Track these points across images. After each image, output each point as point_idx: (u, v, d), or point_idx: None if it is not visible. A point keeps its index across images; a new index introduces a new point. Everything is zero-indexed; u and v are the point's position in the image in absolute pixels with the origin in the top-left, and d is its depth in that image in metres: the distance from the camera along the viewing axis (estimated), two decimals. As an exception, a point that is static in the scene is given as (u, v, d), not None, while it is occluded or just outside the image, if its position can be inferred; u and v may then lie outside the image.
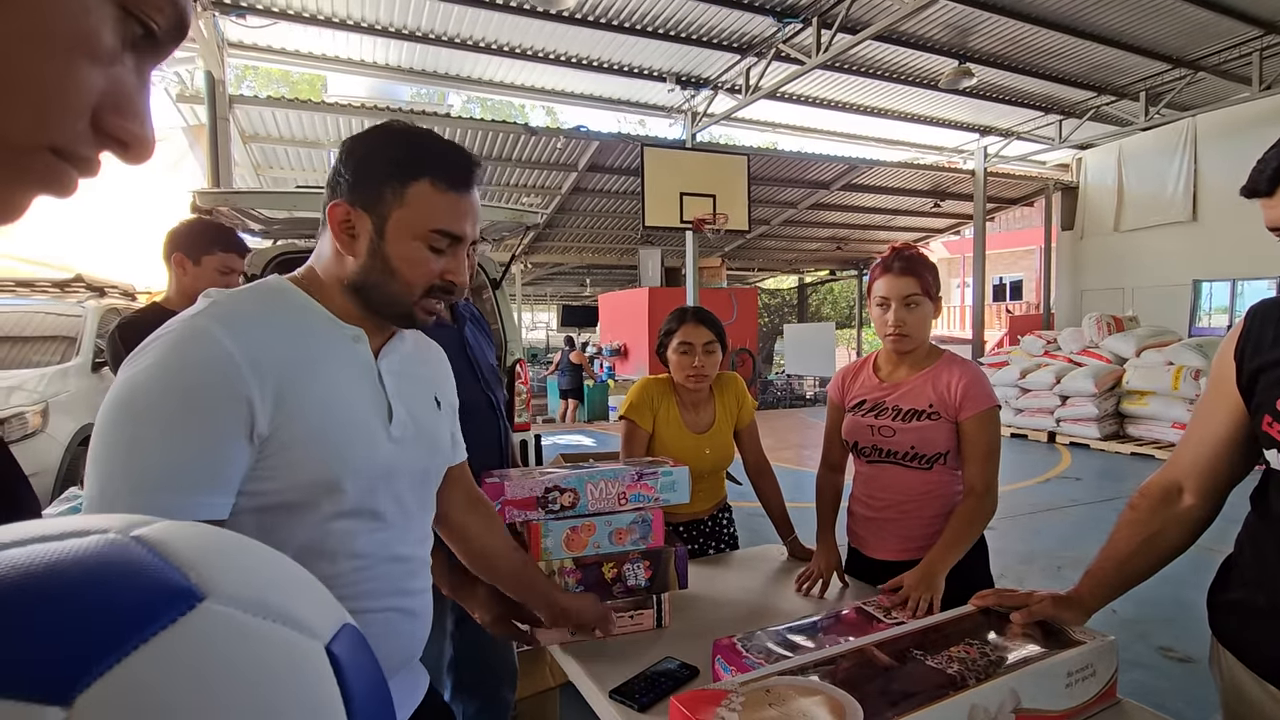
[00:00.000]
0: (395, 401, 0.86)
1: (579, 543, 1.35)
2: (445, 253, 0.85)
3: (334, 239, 0.84)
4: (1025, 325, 11.61)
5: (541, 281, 17.76)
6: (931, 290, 1.49)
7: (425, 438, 0.91)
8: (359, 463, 0.80)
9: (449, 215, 0.84)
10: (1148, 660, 2.68)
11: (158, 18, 0.31)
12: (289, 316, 0.82)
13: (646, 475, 1.39)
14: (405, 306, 0.85)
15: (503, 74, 7.82)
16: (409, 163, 0.82)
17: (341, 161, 0.84)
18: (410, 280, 0.83)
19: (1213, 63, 8.23)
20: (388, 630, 0.86)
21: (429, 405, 0.95)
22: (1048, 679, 1.01)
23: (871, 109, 9.39)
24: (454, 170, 0.84)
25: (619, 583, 1.37)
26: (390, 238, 0.82)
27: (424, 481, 0.93)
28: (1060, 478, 6.17)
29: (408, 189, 0.82)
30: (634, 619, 1.38)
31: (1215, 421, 1.02)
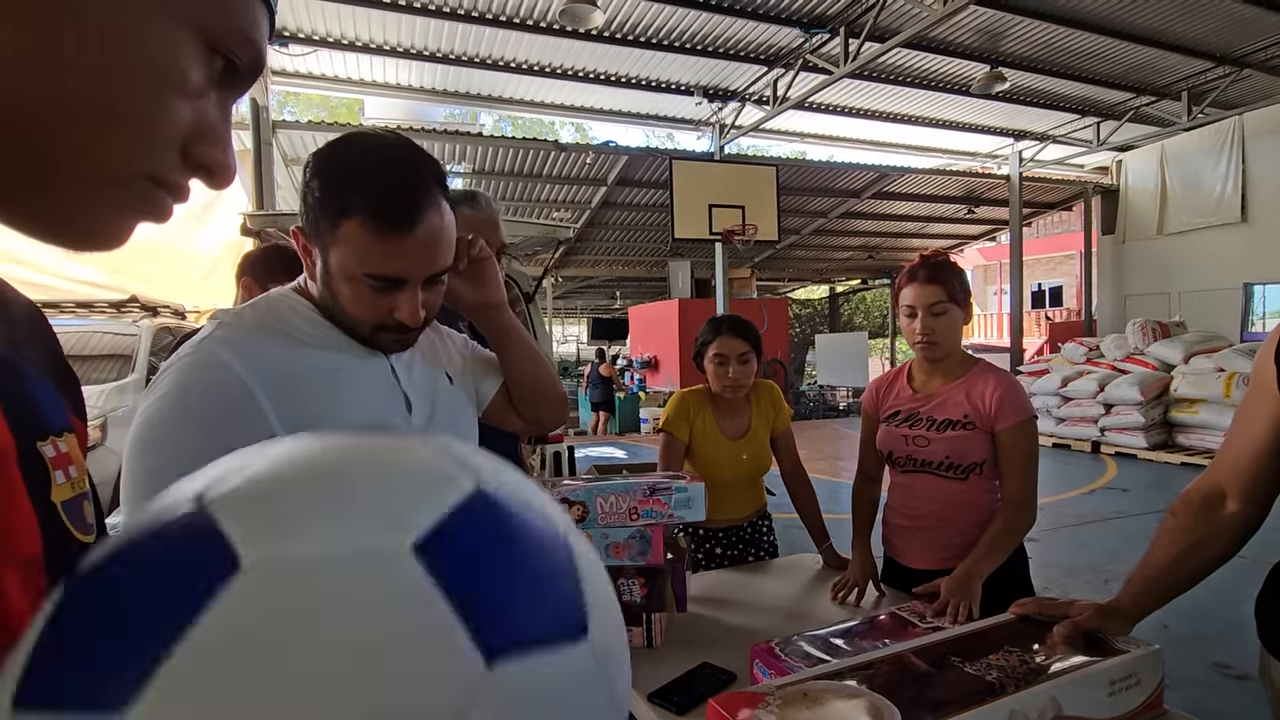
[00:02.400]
0: (412, 393, 0.88)
1: None
2: (390, 291, 0.79)
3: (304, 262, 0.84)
4: (1066, 332, 11.31)
5: (572, 295, 17.93)
6: (958, 296, 1.48)
7: (446, 418, 0.93)
8: None
9: (380, 259, 0.76)
10: (1203, 677, 2.58)
11: (240, 54, 0.34)
12: (296, 327, 0.83)
13: (660, 490, 1.41)
14: (363, 338, 0.84)
15: (533, 92, 7.99)
16: (338, 198, 0.75)
17: (310, 177, 0.78)
18: (356, 316, 0.81)
19: (1259, 59, 7.97)
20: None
21: (443, 385, 0.96)
22: (1089, 687, 1.00)
23: (901, 116, 9.32)
24: (386, 209, 0.75)
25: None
26: (333, 274, 0.79)
27: None
28: (1106, 489, 5.98)
29: (338, 228, 0.76)
30: (630, 634, 1.36)
31: (1257, 425, 1.00)
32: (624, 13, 6.35)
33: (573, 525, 0.28)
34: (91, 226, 0.33)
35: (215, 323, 0.81)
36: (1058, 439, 8.00)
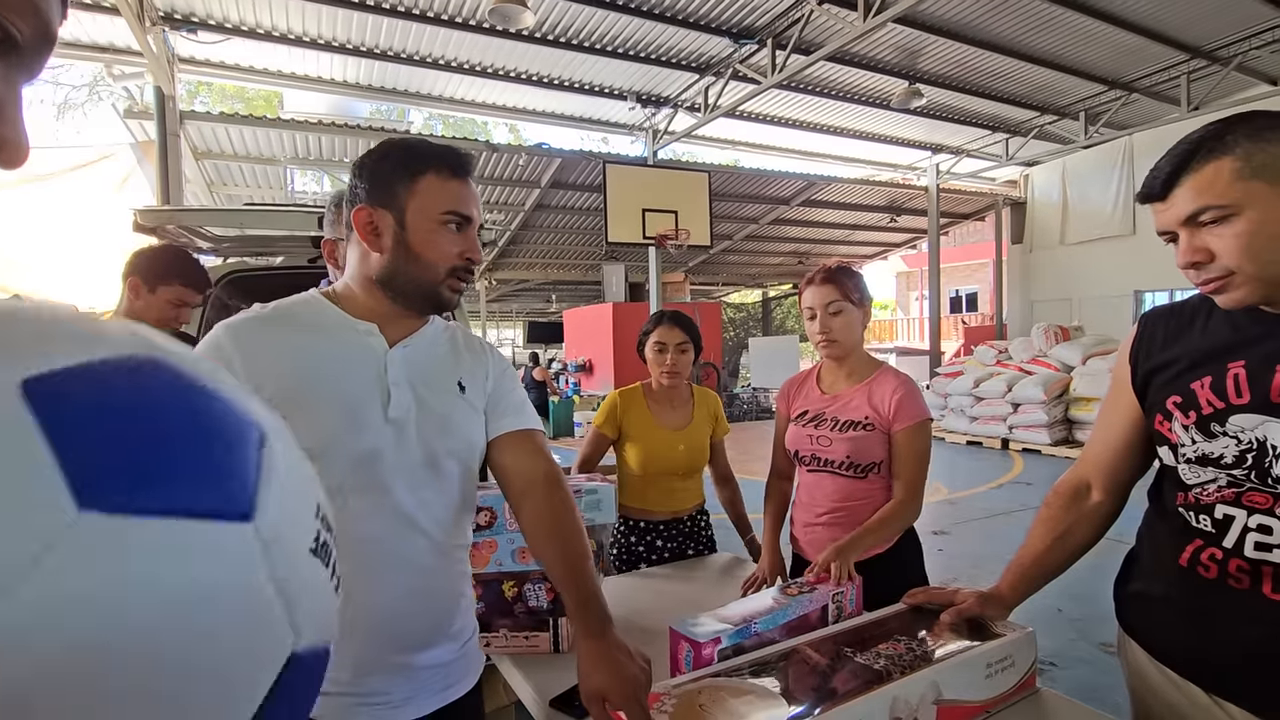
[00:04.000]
0: (396, 387, 0.94)
1: (479, 559, 1.34)
2: (460, 233, 0.95)
3: (360, 240, 0.94)
4: (980, 336, 11.97)
5: (507, 298, 17.67)
6: (853, 296, 1.54)
7: (433, 422, 0.97)
8: (340, 439, 0.89)
9: (456, 199, 0.95)
10: (1090, 657, 2.77)
11: (19, 24, 0.31)
12: (302, 317, 0.95)
13: None
14: (431, 287, 0.95)
15: (464, 91, 7.84)
16: (414, 160, 0.94)
17: (354, 176, 0.96)
18: (433, 261, 0.94)
19: (1145, 84, 8.68)
20: (395, 607, 0.93)
21: (447, 392, 1.00)
22: (968, 670, 1.05)
23: (828, 127, 9.65)
24: (453, 162, 0.96)
25: (519, 602, 1.36)
26: (410, 226, 0.93)
27: (433, 463, 0.96)
28: (1013, 483, 6.35)
29: (417, 182, 0.93)
30: (529, 640, 1.35)
31: (1116, 422, 1.08)
32: (555, 14, 6.32)
33: (282, 428, 0.26)
34: None
35: (246, 311, 0.94)
36: (971, 437, 8.44)
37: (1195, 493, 0.92)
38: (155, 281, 1.83)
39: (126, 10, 4.91)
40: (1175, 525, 0.96)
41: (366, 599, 0.91)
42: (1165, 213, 0.89)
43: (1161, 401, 0.97)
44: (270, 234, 3.00)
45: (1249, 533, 0.86)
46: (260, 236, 3.05)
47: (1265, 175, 0.81)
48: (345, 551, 0.89)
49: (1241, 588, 0.88)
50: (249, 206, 3.13)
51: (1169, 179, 0.87)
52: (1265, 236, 0.81)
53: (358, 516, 0.90)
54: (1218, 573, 0.90)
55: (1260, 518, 0.85)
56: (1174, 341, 0.98)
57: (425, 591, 0.97)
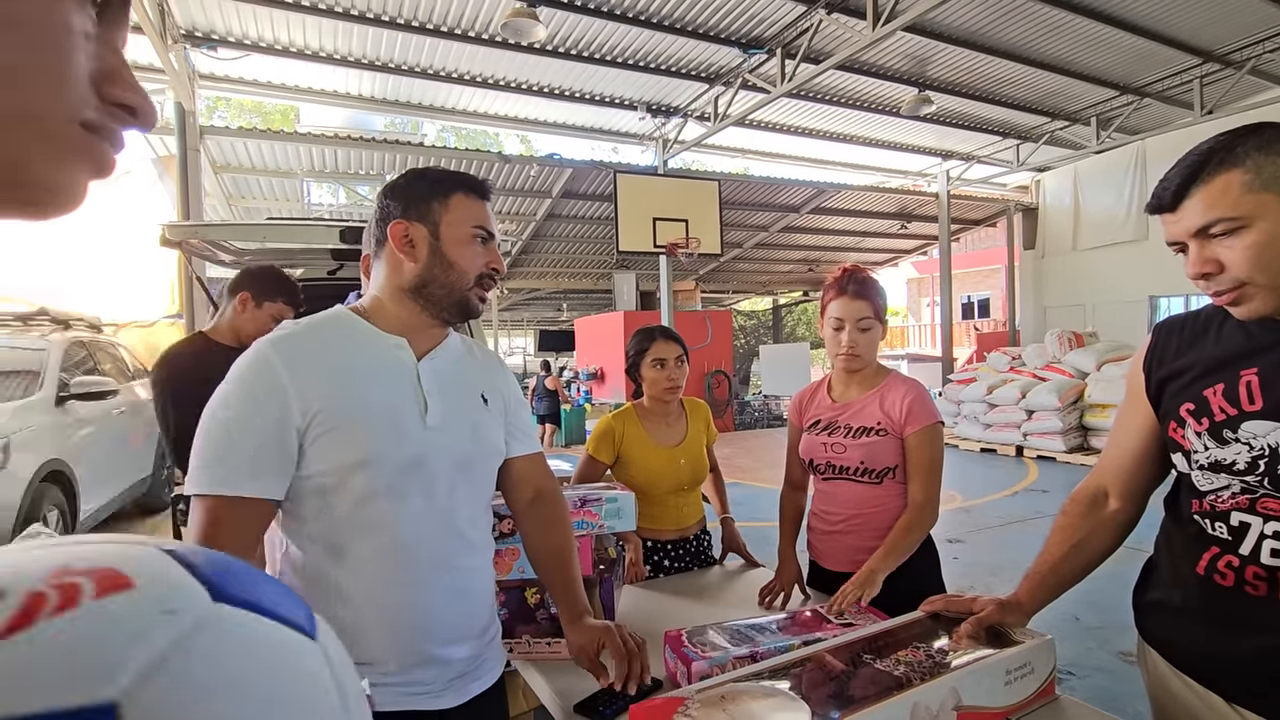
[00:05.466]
0: (432, 397, 1.01)
1: (503, 566, 1.38)
2: (485, 246, 1.05)
3: (396, 251, 1.02)
4: (992, 342, 11.90)
5: (518, 307, 17.78)
6: (881, 313, 1.57)
7: (465, 428, 1.05)
8: (386, 448, 0.95)
9: (482, 216, 1.06)
10: (1109, 665, 2.75)
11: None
12: (334, 333, 1.01)
13: (590, 502, 1.43)
14: (461, 294, 1.03)
15: (476, 103, 7.94)
16: (445, 182, 1.05)
17: (386, 196, 1.05)
18: (465, 269, 1.02)
19: (1157, 89, 8.64)
20: (436, 603, 1.00)
21: (473, 401, 1.08)
22: (988, 677, 1.06)
23: (837, 135, 9.67)
24: (477, 185, 1.07)
25: (542, 609, 1.40)
26: (444, 238, 1.02)
27: (466, 467, 1.04)
28: (1028, 490, 6.30)
29: (450, 199, 1.03)
30: (550, 646, 1.38)
31: (1132, 429, 1.09)
32: (566, 28, 6.40)
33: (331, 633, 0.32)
34: (44, 184, 0.33)
35: (279, 330, 1.00)
36: (985, 444, 8.39)
37: (1210, 500, 0.93)
38: (262, 298, 2.08)
39: (149, 29, 5.03)
40: (1191, 533, 0.97)
41: (413, 596, 0.98)
42: (1175, 224, 0.90)
43: (1175, 409, 0.98)
44: (290, 247, 3.06)
45: (1265, 540, 0.87)
46: (280, 249, 3.11)
47: (1275, 187, 0.82)
48: (395, 552, 0.95)
49: (1259, 595, 0.89)
50: (270, 221, 3.18)
51: (1179, 190, 0.89)
52: (1276, 248, 0.83)
53: (405, 520, 0.97)
54: (1235, 580, 0.91)
55: (1276, 524, 0.87)
56: (1187, 349, 1.00)
57: (462, 590, 1.04)
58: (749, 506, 5.43)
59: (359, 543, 0.95)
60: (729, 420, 11.49)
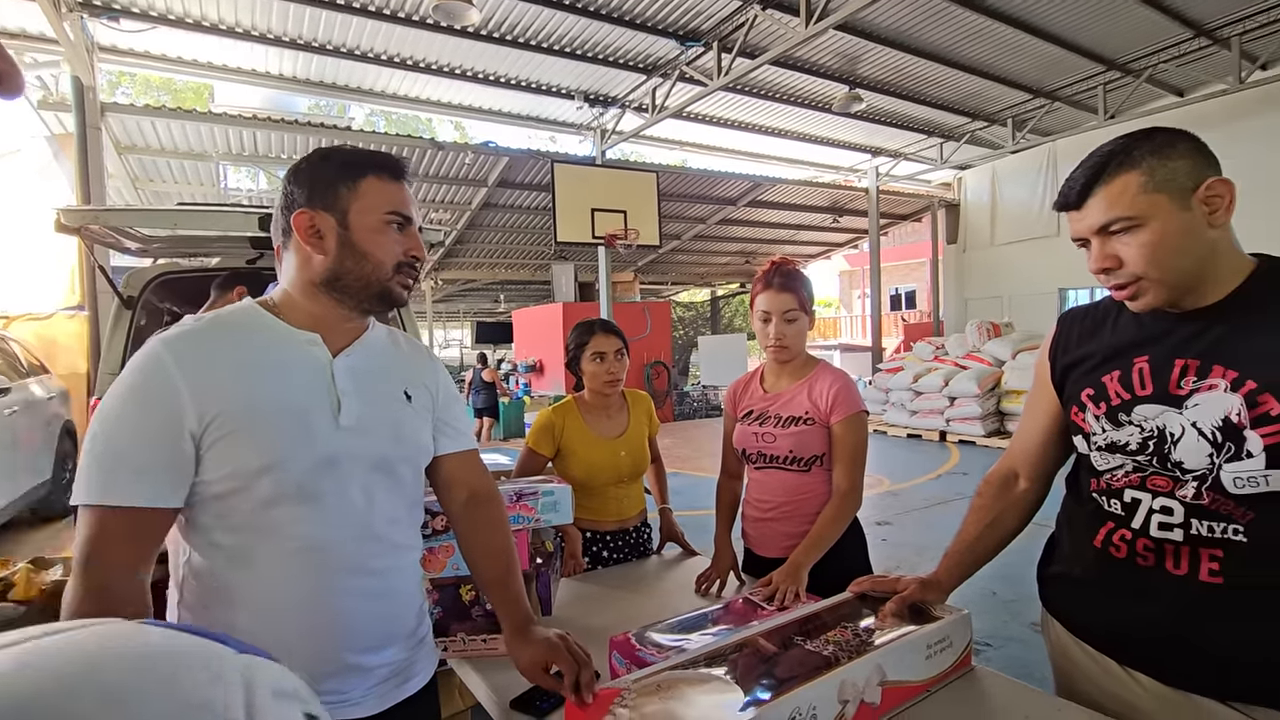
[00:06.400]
0: (346, 396, 0.95)
1: (436, 564, 1.35)
2: (402, 232, 0.98)
3: (302, 244, 0.95)
4: (918, 333, 12.43)
5: (454, 298, 17.38)
6: (807, 305, 1.61)
7: (385, 427, 0.99)
8: (294, 450, 0.89)
9: (397, 200, 0.98)
10: (1021, 635, 2.93)
11: None
12: (238, 329, 0.94)
13: (526, 496, 1.42)
14: (380, 285, 0.97)
15: (406, 88, 7.67)
16: (354, 164, 0.97)
17: (291, 182, 0.97)
18: (381, 259, 0.96)
19: (1067, 94, 9.19)
20: (353, 609, 0.95)
21: (395, 398, 1.03)
22: (910, 653, 1.11)
23: (772, 129, 9.85)
24: (391, 165, 0.99)
25: (477, 605, 1.37)
26: (354, 226, 0.94)
27: (386, 468, 0.99)
28: (950, 473, 6.64)
29: (359, 184, 0.95)
30: (486, 643, 1.36)
31: (1039, 414, 1.16)
32: (501, 12, 6.25)
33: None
34: None
35: (177, 325, 0.93)
36: (911, 430, 8.78)
37: (1106, 478, 1.00)
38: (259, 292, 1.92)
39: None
40: (1090, 510, 1.04)
41: (326, 602, 0.93)
42: (1079, 221, 0.96)
43: (1077, 394, 1.05)
44: (205, 234, 2.88)
45: (1153, 514, 0.95)
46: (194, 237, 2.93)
47: (1167, 189, 0.89)
48: (305, 557, 0.90)
49: (1148, 565, 0.96)
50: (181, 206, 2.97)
51: (1083, 190, 0.94)
52: (1167, 246, 0.89)
53: (315, 523, 0.92)
54: (1127, 552, 0.98)
55: (1162, 500, 0.94)
56: (1088, 339, 1.06)
57: (382, 593, 0.99)
58: (688, 495, 5.51)
59: (265, 548, 0.90)
60: (668, 411, 11.60)
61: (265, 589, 0.90)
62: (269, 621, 0.90)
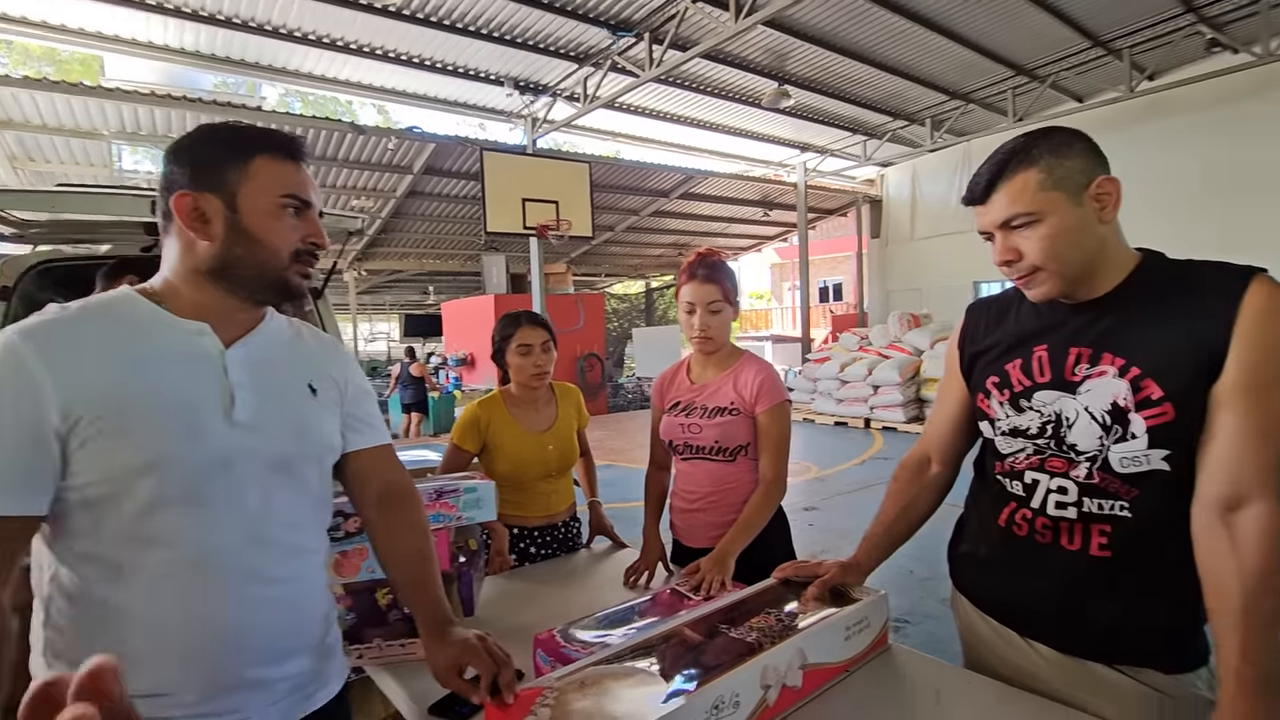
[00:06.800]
0: (241, 389, 0.88)
1: (349, 567, 1.28)
2: (300, 217, 0.91)
3: (185, 229, 0.87)
4: (845, 324, 12.88)
5: (380, 290, 16.76)
6: (731, 296, 1.62)
7: (285, 423, 0.92)
8: (179, 450, 0.82)
9: (293, 182, 0.91)
10: (937, 612, 3.09)
11: None
12: (113, 319, 0.85)
13: (447, 493, 1.37)
14: (276, 274, 0.90)
15: (324, 68, 7.29)
16: (244, 143, 0.89)
17: (171, 161, 0.88)
18: (275, 245, 0.88)
19: (980, 96, 9.69)
20: (248, 620, 0.88)
21: (298, 392, 0.96)
22: (829, 635, 1.14)
23: (704, 123, 9.94)
24: (285, 144, 0.91)
25: (394, 609, 1.32)
26: (244, 210, 0.87)
27: (286, 467, 0.92)
28: (874, 458, 6.92)
29: (249, 164, 0.87)
30: (405, 648, 1.31)
31: (950, 401, 1.21)
32: (426, -8, 6.04)
33: None
34: None
35: (37, 314, 0.83)
36: (838, 418, 9.09)
37: (1009, 461, 1.05)
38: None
39: (-109, -52, 4.12)
40: (994, 491, 1.09)
41: (216, 614, 0.85)
42: (984, 216, 1.00)
43: (983, 382, 1.09)
44: (90, 219, 2.64)
45: (1050, 494, 1.00)
46: (79, 222, 2.68)
47: (1063, 187, 0.93)
48: (192, 566, 0.84)
49: (1046, 542, 1.02)
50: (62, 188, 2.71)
51: (987, 186, 0.98)
52: (1063, 240, 0.94)
53: (204, 529, 0.84)
54: (1028, 530, 1.04)
55: (1059, 480, 0.99)
56: (994, 328, 1.11)
57: (281, 602, 0.92)
58: (621, 487, 5.52)
59: (146, 558, 0.82)
60: (603, 403, 11.59)
61: (148, 605, 0.82)
62: (153, 640, 0.82)
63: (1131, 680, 0.97)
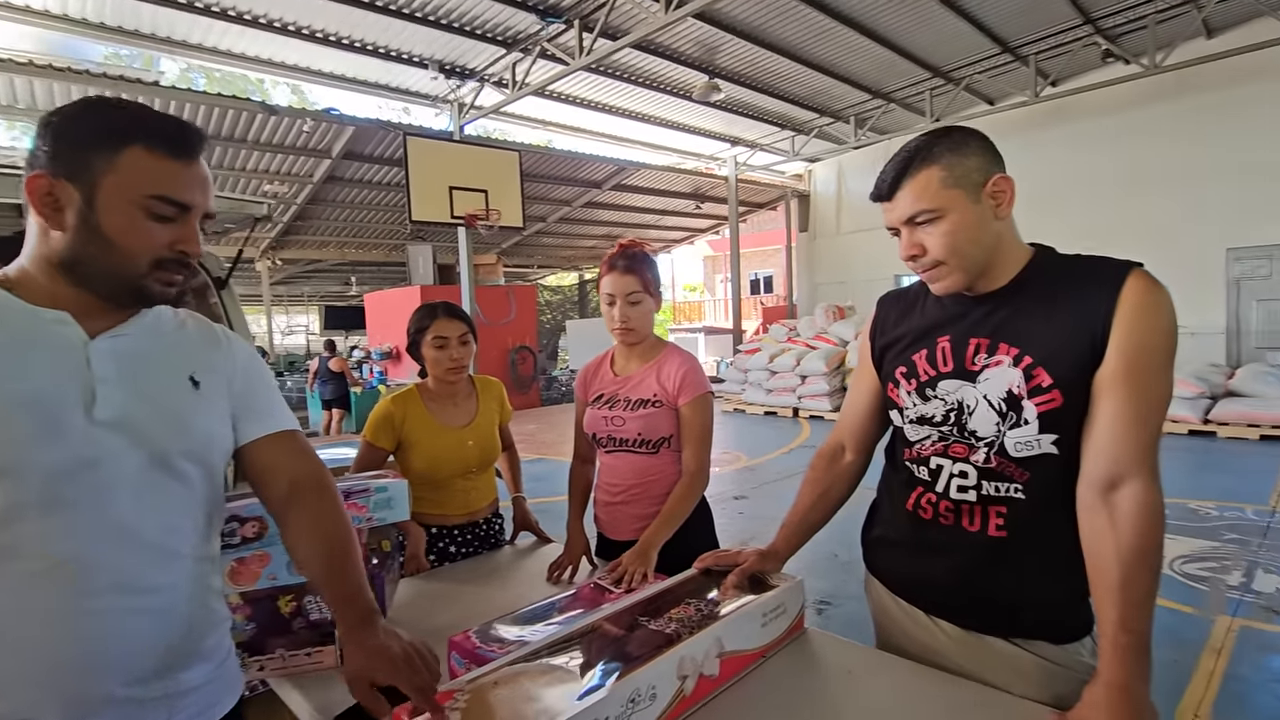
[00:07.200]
0: (106, 384, 0.81)
1: (247, 574, 1.20)
2: (174, 222, 0.81)
3: (36, 214, 0.79)
4: (775, 316, 13.19)
5: (298, 280, 15.96)
6: (652, 287, 1.61)
7: (161, 419, 0.85)
8: (33, 451, 0.75)
9: (171, 182, 0.81)
10: (858, 593, 3.18)
11: None
12: None
13: (356, 493, 1.31)
14: (130, 280, 0.81)
15: (231, 42, 6.84)
16: (120, 129, 0.79)
17: (39, 135, 0.79)
18: (131, 250, 0.80)
19: (900, 96, 10.08)
20: (119, 633, 0.80)
21: (177, 385, 0.88)
22: (747, 623, 1.15)
23: (637, 114, 9.93)
24: (172, 136, 0.81)
25: (300, 617, 1.25)
26: (102, 207, 0.78)
27: (164, 465, 0.84)
28: (802, 447, 7.13)
29: (119, 155, 0.78)
30: (311, 657, 1.24)
31: (862, 390, 1.24)
32: (342, -34, 5.74)
33: None
34: None
35: None
36: (768, 407, 9.32)
37: (917, 448, 1.09)
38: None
39: None
40: (903, 477, 1.13)
41: (82, 629, 0.78)
42: (891, 212, 1.03)
43: (892, 372, 1.13)
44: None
45: (953, 478, 1.04)
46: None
47: (962, 185, 0.97)
48: (51, 576, 0.77)
49: (949, 524, 1.06)
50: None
51: (893, 183, 1.01)
52: (963, 236, 0.97)
53: (63, 535, 0.77)
54: (933, 513, 1.08)
55: (960, 465, 1.03)
56: (902, 320, 1.15)
57: (156, 612, 0.84)
58: (552, 481, 5.47)
59: (2, 570, 0.74)
60: (535, 396, 11.46)
61: (3, 621, 0.74)
62: (10, 658, 0.75)
63: (1026, 652, 1.02)
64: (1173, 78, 8.33)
